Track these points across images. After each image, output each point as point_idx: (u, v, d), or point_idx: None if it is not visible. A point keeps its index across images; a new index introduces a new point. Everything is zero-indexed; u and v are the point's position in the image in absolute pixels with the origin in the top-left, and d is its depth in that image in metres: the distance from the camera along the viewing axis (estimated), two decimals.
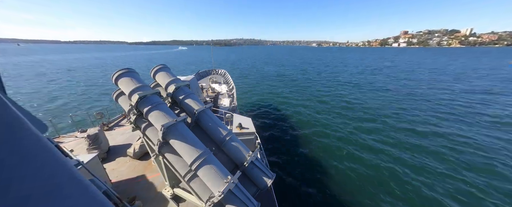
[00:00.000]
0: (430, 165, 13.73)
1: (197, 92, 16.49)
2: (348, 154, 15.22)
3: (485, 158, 14.45)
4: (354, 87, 38.48)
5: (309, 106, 27.28)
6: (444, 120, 21.66)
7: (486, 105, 26.37)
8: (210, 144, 5.64)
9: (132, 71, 5.55)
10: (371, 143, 16.79)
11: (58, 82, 43.76)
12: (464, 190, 11.49)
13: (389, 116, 22.90)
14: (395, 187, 11.78)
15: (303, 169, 13.55)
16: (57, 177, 1.09)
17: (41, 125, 1.42)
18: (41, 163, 1.06)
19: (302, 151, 15.75)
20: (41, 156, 1.07)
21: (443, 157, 14.73)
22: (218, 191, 4.33)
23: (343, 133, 18.73)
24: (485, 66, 70.25)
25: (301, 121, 22.04)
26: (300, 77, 51.67)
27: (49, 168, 1.08)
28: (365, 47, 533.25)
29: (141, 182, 8.15)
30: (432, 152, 15.42)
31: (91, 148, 9.64)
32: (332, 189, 11.67)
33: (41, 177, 1.00)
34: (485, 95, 31.03)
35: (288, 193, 11.32)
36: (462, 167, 13.58)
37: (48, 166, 1.09)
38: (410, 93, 33.10)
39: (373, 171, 13.19)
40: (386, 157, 14.71)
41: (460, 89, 35.47)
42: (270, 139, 17.72)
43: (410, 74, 54.56)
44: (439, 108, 25.60)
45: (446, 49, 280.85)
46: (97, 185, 2.29)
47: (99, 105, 27.67)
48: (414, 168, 13.49)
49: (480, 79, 44.69)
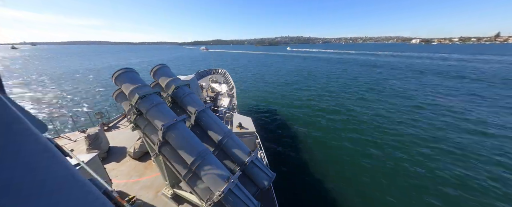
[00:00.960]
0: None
1: (197, 92, 16.48)
2: (349, 154, 15.24)
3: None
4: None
5: (310, 106, 27.28)
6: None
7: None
8: (210, 144, 5.64)
9: (132, 71, 5.55)
10: (372, 144, 16.80)
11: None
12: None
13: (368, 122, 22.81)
14: (396, 187, 11.79)
15: (303, 169, 13.55)
16: (57, 177, 1.09)
17: (41, 124, 1.42)
18: (41, 162, 1.06)
19: (302, 150, 15.75)
20: (41, 155, 1.07)
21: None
22: (218, 190, 4.33)
23: (344, 134, 18.74)
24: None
25: (302, 121, 22.04)
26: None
27: (49, 168, 1.08)
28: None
29: (141, 181, 8.15)
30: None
31: (91, 148, 9.64)
32: (332, 189, 11.68)
33: (41, 177, 1.00)
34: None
35: (288, 193, 11.33)
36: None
37: (48, 165, 1.09)
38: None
39: (373, 171, 13.21)
40: (387, 157, 14.73)
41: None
42: (270, 139, 17.72)
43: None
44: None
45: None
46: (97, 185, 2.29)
47: (99, 105, 27.68)
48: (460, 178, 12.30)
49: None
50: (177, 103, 6.16)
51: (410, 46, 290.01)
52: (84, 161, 6.64)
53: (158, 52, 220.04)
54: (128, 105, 5.49)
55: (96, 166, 6.96)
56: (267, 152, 14.79)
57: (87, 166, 3.20)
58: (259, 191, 5.40)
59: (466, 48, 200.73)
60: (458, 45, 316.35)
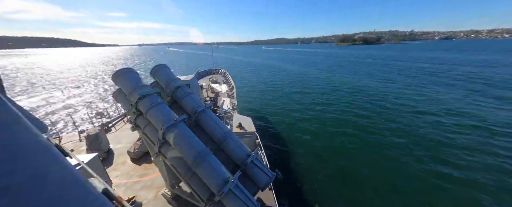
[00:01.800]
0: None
1: (197, 92, 16.48)
2: (350, 154, 15.23)
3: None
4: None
5: (310, 107, 27.27)
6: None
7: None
8: (210, 144, 5.63)
9: (132, 71, 5.55)
10: (373, 143, 16.80)
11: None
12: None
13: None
14: (397, 187, 11.78)
15: (303, 169, 13.55)
16: (57, 177, 1.09)
17: (41, 124, 1.42)
18: (41, 163, 1.06)
19: (302, 150, 15.74)
20: (41, 156, 1.07)
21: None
22: (218, 190, 4.33)
23: (344, 133, 18.74)
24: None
25: (302, 121, 22.03)
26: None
27: (49, 168, 1.08)
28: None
29: (141, 182, 8.15)
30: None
31: (91, 148, 9.64)
32: (332, 189, 11.68)
33: (41, 177, 1.01)
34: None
35: (288, 193, 11.33)
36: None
37: (48, 166, 1.09)
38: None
39: (374, 171, 13.20)
40: (387, 157, 14.73)
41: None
42: (270, 139, 17.71)
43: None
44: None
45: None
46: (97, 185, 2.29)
47: (99, 105, 27.69)
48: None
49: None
50: (177, 103, 6.15)
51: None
52: (84, 161, 6.64)
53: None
54: (128, 105, 5.50)
55: (96, 166, 6.96)
56: (267, 152, 14.79)
57: (87, 166, 3.20)
58: (259, 191, 5.40)
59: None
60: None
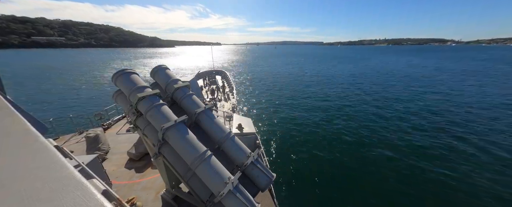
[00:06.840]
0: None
1: (197, 93, 16.50)
2: (350, 154, 15.22)
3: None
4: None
5: (312, 106, 27.30)
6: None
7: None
8: (210, 145, 5.62)
9: (132, 72, 5.56)
10: (375, 144, 16.79)
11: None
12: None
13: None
14: (397, 187, 11.77)
15: (303, 170, 13.53)
16: (56, 179, 1.09)
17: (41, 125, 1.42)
18: (41, 164, 1.06)
19: (302, 151, 15.73)
20: (41, 156, 1.07)
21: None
22: (218, 191, 4.32)
23: (344, 133, 18.74)
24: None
25: (302, 120, 22.05)
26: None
27: (49, 169, 1.08)
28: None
29: (141, 182, 8.14)
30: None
31: (91, 149, 9.63)
32: (332, 190, 11.66)
33: (40, 178, 1.01)
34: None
35: (288, 194, 11.31)
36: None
37: (48, 167, 1.09)
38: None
39: (374, 172, 13.19)
40: (387, 157, 14.71)
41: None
42: (270, 139, 17.70)
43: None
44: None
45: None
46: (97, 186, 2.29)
47: (99, 105, 27.70)
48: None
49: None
50: (177, 104, 6.15)
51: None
52: (84, 162, 6.63)
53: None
54: (128, 106, 5.50)
55: (96, 168, 6.95)
56: (267, 153, 14.81)
57: (87, 167, 3.20)
58: (259, 192, 5.39)
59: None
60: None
